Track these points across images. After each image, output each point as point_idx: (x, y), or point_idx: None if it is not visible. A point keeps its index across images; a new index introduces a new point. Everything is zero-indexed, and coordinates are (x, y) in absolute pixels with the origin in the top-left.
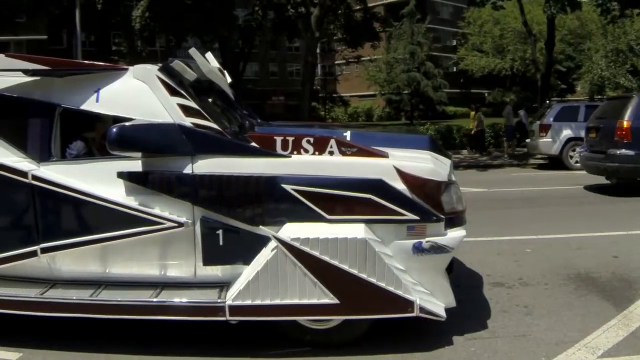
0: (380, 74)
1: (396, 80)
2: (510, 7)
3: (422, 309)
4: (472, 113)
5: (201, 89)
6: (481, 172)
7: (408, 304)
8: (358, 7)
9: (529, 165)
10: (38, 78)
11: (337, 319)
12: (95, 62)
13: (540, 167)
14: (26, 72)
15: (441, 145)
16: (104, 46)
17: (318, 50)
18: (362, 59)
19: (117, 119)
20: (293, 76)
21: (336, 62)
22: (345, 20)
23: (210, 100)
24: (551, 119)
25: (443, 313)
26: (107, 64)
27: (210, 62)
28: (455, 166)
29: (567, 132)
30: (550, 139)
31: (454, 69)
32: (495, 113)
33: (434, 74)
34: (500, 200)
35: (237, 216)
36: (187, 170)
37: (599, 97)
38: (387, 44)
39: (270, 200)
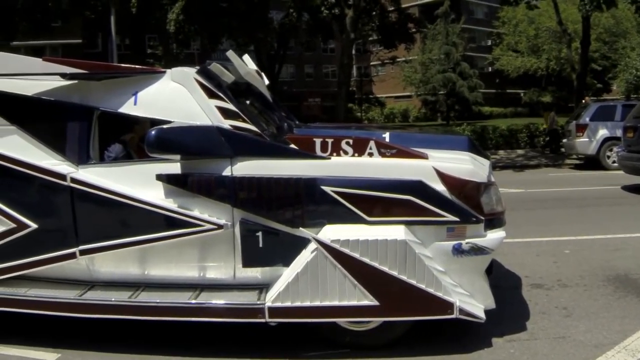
0: (415, 74)
1: (432, 80)
2: (544, 6)
3: (461, 311)
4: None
5: (239, 91)
6: (518, 173)
7: (448, 306)
8: (392, 9)
9: (566, 165)
10: (76, 82)
11: (377, 320)
12: (133, 66)
13: (577, 167)
14: (64, 75)
15: (479, 145)
16: (139, 49)
17: (353, 52)
18: (398, 60)
19: (155, 122)
20: (329, 77)
21: (371, 63)
22: (379, 22)
23: (248, 102)
24: (587, 119)
25: (482, 315)
26: (144, 67)
27: (248, 64)
28: (492, 167)
29: (603, 132)
30: (587, 139)
31: (489, 69)
32: (531, 113)
33: (469, 75)
34: (538, 200)
35: (276, 218)
36: (226, 172)
37: (635, 95)
38: (422, 44)
39: (310, 202)
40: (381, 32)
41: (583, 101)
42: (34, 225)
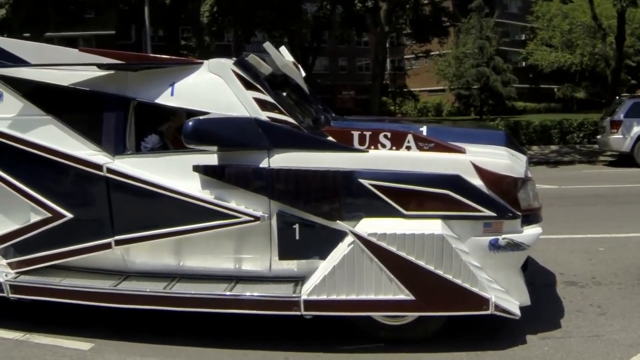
0: (449, 68)
1: (465, 75)
2: (578, 0)
3: (497, 307)
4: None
5: (276, 83)
6: (551, 169)
7: (483, 302)
8: (426, 2)
9: (600, 162)
10: (112, 72)
11: (412, 315)
12: (170, 56)
13: (611, 164)
14: (100, 66)
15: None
16: (173, 41)
17: (387, 45)
18: (431, 53)
19: (191, 113)
20: (362, 70)
21: (405, 56)
22: (413, 15)
23: (285, 94)
24: (622, 115)
25: (518, 311)
26: (182, 58)
27: (285, 56)
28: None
29: (638, 129)
30: (621, 136)
31: (523, 64)
32: (564, 109)
33: (503, 69)
34: (572, 197)
35: (313, 211)
36: (264, 164)
37: None
38: (455, 38)
39: (347, 195)
40: (415, 25)
41: (617, 97)
42: (69, 215)
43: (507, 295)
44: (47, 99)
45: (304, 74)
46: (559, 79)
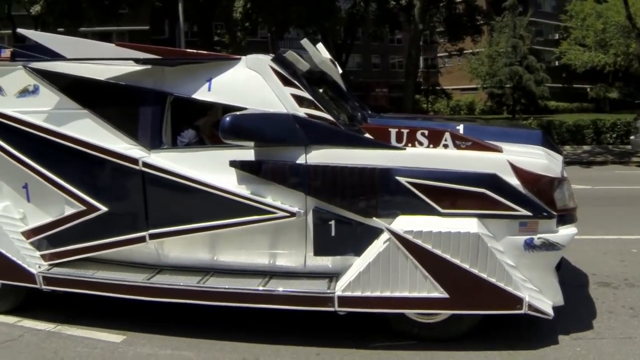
0: (482, 67)
1: (498, 73)
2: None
3: (530, 307)
4: None
5: (314, 79)
6: (584, 169)
7: (517, 301)
8: (460, 0)
9: (632, 162)
10: (149, 67)
11: (446, 313)
12: (208, 52)
13: None
14: (137, 61)
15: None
16: (207, 37)
17: (421, 43)
18: (465, 52)
19: (228, 108)
20: (395, 68)
21: (438, 54)
22: (447, 13)
23: (322, 91)
24: None
25: (551, 311)
26: (219, 53)
27: (322, 53)
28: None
29: None
30: None
31: (556, 63)
32: (597, 109)
33: (536, 68)
34: (605, 198)
35: (350, 207)
36: (301, 160)
37: None
38: (489, 37)
39: (384, 192)
40: (448, 23)
41: None
42: (104, 208)
43: (540, 295)
44: (84, 93)
45: (340, 71)
46: (592, 79)
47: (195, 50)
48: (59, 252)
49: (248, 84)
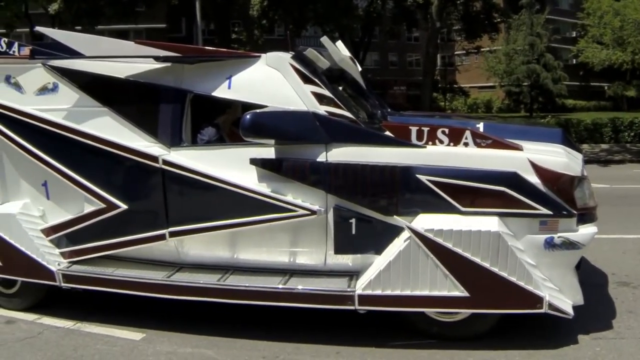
0: (499, 65)
1: (516, 71)
2: None
3: (550, 306)
4: None
5: (333, 77)
6: (602, 168)
7: (537, 300)
8: None
9: None
10: (169, 65)
11: (466, 312)
12: (227, 50)
13: None
14: (157, 58)
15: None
16: (224, 35)
17: (438, 41)
18: (482, 49)
19: (248, 106)
20: (413, 66)
21: (456, 52)
22: (464, 11)
23: (341, 88)
24: None
25: (571, 311)
26: (239, 51)
27: (342, 50)
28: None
29: None
30: None
31: (574, 61)
32: (614, 107)
33: (553, 66)
34: (623, 196)
35: (370, 205)
36: (321, 158)
37: None
38: (506, 35)
39: (404, 190)
40: (466, 21)
41: None
42: (123, 206)
43: (560, 294)
44: (103, 90)
45: (360, 69)
46: (610, 77)
47: (214, 48)
48: (79, 250)
49: (268, 81)
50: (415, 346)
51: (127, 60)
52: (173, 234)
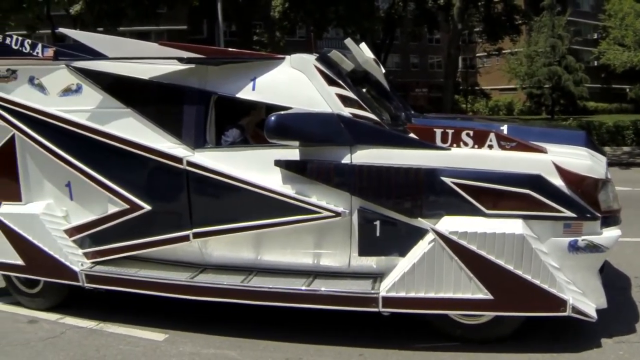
0: (521, 67)
1: (537, 73)
2: None
3: (574, 309)
4: None
5: (357, 79)
6: (624, 170)
7: (561, 303)
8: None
9: None
10: (193, 66)
11: (490, 314)
12: (252, 51)
13: None
14: (181, 60)
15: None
16: (245, 36)
17: (459, 43)
18: (503, 51)
19: (273, 108)
20: (434, 68)
21: (477, 54)
22: (485, 13)
23: (365, 90)
24: None
25: (594, 314)
26: (263, 53)
27: (365, 52)
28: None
29: None
30: None
31: (595, 63)
32: (636, 110)
33: (575, 68)
34: None
35: (395, 207)
36: (346, 160)
37: None
38: (527, 36)
39: (429, 192)
40: (487, 23)
41: None
42: (147, 207)
43: (584, 297)
44: (127, 92)
45: (384, 71)
46: (632, 79)
47: (238, 50)
48: (102, 250)
49: (293, 83)
50: (439, 349)
51: (150, 61)
52: (197, 235)
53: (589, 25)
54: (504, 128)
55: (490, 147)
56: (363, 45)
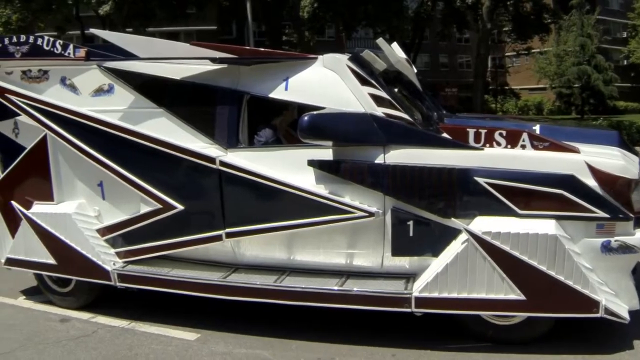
0: (550, 66)
1: (566, 73)
2: None
3: (607, 310)
4: None
5: (390, 79)
6: None
7: (594, 304)
8: None
9: None
10: (225, 66)
11: (522, 315)
12: (284, 51)
13: None
14: (214, 60)
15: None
16: (275, 36)
17: (489, 42)
18: (532, 51)
19: (305, 108)
20: (463, 68)
21: (506, 54)
22: (514, 12)
23: (397, 90)
24: None
25: (627, 315)
26: (295, 53)
27: (397, 52)
28: None
29: None
30: None
31: (624, 63)
32: None
33: (604, 67)
34: None
35: (428, 207)
36: (379, 160)
37: None
38: (556, 36)
39: (462, 192)
40: (516, 22)
41: None
42: (180, 207)
43: (617, 299)
44: (159, 92)
45: (415, 71)
46: None
47: (270, 50)
48: (134, 250)
49: (325, 83)
50: (471, 349)
51: (182, 61)
52: (230, 235)
53: (618, 23)
54: (537, 128)
55: (523, 147)
56: (395, 45)
